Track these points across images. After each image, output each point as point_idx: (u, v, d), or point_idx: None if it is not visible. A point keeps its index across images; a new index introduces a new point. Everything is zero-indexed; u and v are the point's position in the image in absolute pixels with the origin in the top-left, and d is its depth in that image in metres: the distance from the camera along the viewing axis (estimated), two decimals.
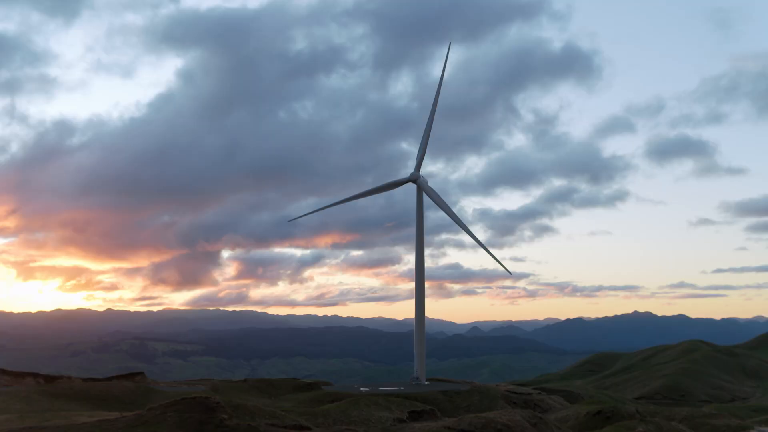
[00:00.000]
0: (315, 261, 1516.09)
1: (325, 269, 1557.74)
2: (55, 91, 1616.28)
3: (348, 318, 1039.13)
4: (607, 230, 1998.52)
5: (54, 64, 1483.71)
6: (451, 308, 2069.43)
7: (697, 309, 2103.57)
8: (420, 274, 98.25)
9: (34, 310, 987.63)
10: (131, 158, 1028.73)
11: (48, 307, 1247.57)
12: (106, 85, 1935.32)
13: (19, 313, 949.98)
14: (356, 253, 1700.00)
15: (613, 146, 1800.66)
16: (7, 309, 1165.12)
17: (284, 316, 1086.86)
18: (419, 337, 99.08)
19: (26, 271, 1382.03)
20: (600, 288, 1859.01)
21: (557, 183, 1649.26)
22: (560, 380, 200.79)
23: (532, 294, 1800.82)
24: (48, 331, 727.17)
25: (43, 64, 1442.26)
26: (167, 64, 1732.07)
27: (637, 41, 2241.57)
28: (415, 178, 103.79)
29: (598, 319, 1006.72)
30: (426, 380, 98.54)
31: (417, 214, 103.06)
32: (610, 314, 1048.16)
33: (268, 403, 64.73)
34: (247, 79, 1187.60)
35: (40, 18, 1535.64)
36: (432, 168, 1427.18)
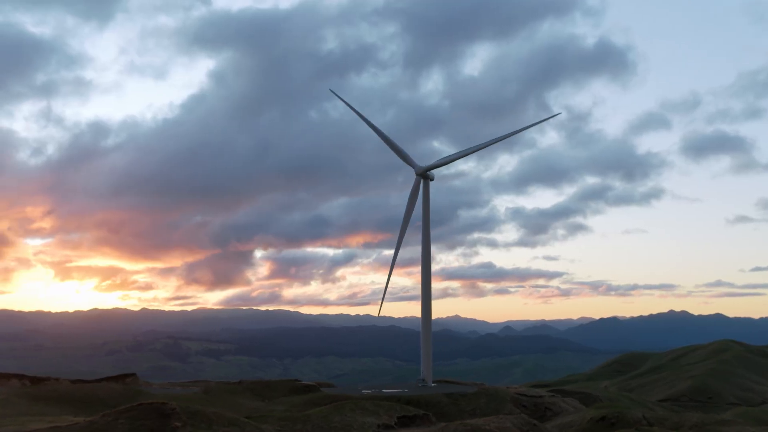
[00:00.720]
0: (347, 260, 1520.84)
1: (357, 269, 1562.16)
2: (90, 93, 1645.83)
3: (380, 317, 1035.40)
4: (642, 228, 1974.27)
5: (89, 67, 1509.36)
6: (483, 307, 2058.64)
7: (734, 308, 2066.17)
8: (426, 271, 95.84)
9: (71, 310, 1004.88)
10: (164, 159, 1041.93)
11: (85, 306, 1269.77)
12: (140, 87, 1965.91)
13: (57, 313, 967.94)
14: (388, 252, 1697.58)
15: (648, 143, 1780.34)
16: (45, 309, 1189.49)
17: (316, 315, 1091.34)
18: (425, 336, 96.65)
19: (63, 271, 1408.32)
20: (635, 287, 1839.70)
21: (591, 181, 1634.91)
22: (587, 381, 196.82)
23: (565, 293, 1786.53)
24: (84, 331, 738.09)
25: (79, 67, 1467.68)
26: (199, 65, 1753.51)
27: (673, 36, 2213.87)
28: (423, 172, 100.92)
29: (633, 319, 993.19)
30: (433, 382, 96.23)
31: (423, 209, 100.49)
32: (645, 313, 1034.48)
33: (260, 406, 63.60)
34: (278, 79, 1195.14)
35: (75, 22, 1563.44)
36: (463, 167, 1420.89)
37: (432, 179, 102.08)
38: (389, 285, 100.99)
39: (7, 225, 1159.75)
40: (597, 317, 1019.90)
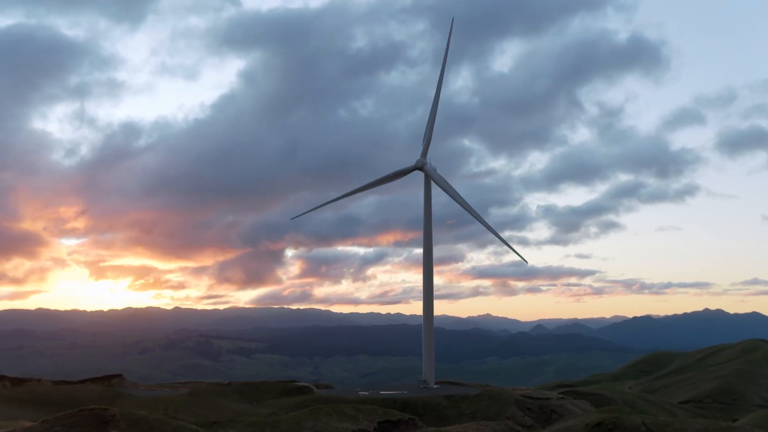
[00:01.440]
0: (378, 259, 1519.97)
1: (387, 267, 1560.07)
2: (122, 94, 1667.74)
3: (411, 316, 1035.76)
4: (676, 226, 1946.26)
5: (121, 69, 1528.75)
6: (514, 306, 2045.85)
7: None
8: (428, 268, 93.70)
9: (106, 309, 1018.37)
10: (195, 159, 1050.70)
11: (119, 305, 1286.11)
12: (171, 88, 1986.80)
13: (92, 312, 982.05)
14: (419, 251, 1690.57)
15: (682, 139, 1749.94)
16: (80, 308, 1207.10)
17: (347, 314, 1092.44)
18: (427, 335, 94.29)
19: (98, 270, 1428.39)
20: (669, 285, 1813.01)
21: (623, 178, 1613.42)
22: (612, 381, 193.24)
23: (598, 291, 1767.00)
24: (118, 329, 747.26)
25: (111, 68, 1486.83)
26: (229, 65, 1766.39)
27: (707, 30, 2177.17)
28: (421, 165, 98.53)
29: (667, 317, 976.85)
30: (436, 383, 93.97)
31: (425, 204, 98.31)
32: (680, 312, 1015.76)
33: (244, 409, 62.44)
34: (308, 78, 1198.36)
35: (107, 24, 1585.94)
36: (494, 164, 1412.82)
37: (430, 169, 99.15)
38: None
39: (42, 225, 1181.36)
40: (630, 316, 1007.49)
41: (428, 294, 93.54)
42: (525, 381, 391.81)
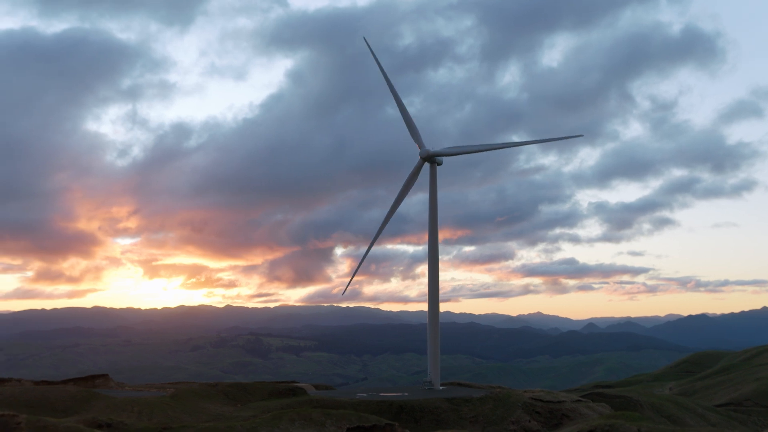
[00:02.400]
0: (426, 257, 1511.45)
1: None
2: (173, 95, 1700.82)
3: (460, 314, 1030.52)
4: (733, 222, 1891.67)
5: (172, 70, 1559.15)
6: (565, 304, 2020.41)
7: None
8: (434, 263, 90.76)
9: (159, 307, 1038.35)
10: (244, 158, 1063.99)
11: (172, 303, 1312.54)
12: (221, 88, 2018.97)
13: (146, 310, 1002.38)
14: (468, 248, 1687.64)
15: (739, 133, 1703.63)
16: (135, 306, 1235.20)
17: (396, 312, 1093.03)
18: (433, 334, 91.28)
19: (152, 269, 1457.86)
20: (726, 282, 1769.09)
21: (677, 173, 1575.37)
22: (653, 381, 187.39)
23: (652, 289, 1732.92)
24: (171, 327, 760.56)
25: (162, 70, 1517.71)
26: (277, 65, 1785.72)
27: (765, 21, 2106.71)
28: (426, 154, 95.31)
29: (723, 315, 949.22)
30: (443, 384, 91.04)
31: (430, 194, 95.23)
32: (737, 310, 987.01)
33: (225, 411, 60.86)
34: (355, 77, 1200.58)
35: (158, 27, 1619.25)
36: (543, 161, 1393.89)
37: (440, 164, 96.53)
38: (361, 265, 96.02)
39: (97, 225, 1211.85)
40: (685, 314, 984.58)
41: (433, 292, 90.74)
42: (575, 380, 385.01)
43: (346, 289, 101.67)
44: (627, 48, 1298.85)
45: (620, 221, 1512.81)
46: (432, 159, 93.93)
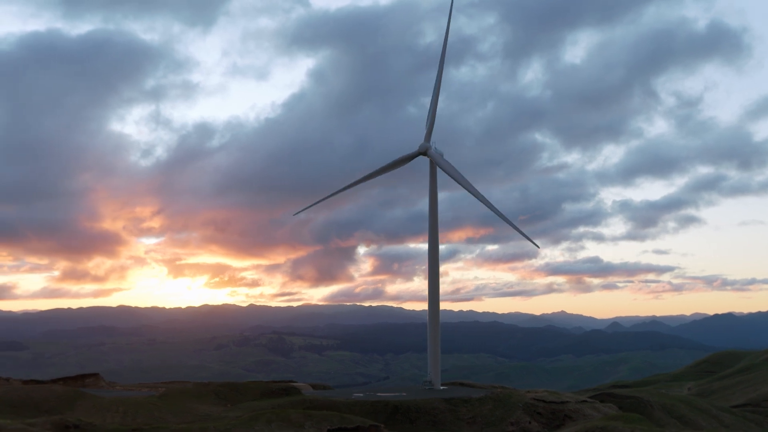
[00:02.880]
0: (450, 256, 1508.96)
1: (460, 264, 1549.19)
2: (196, 96, 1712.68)
3: (483, 313, 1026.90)
4: (760, 220, 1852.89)
5: (195, 71, 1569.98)
6: (589, 303, 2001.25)
7: None
8: (434, 260, 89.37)
9: (183, 306, 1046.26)
10: (267, 157, 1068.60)
11: (196, 302, 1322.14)
12: (243, 88, 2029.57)
13: (170, 309, 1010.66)
14: (491, 247, 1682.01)
15: (766, 129, 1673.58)
16: (160, 305, 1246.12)
17: (419, 311, 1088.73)
18: (433, 333, 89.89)
19: (176, 269, 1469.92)
20: (753, 281, 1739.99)
21: (703, 171, 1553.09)
22: (671, 381, 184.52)
23: (677, 288, 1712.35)
24: (195, 326, 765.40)
25: (186, 71, 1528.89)
26: (299, 64, 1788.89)
27: None
28: (425, 150, 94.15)
29: (750, 315, 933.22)
30: (444, 384, 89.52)
31: (430, 190, 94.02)
32: (765, 309, 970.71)
33: (213, 411, 60.24)
34: (376, 75, 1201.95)
35: (181, 28, 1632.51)
36: (567, 158, 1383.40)
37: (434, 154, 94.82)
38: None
39: (121, 225, 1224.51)
40: (711, 313, 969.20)
41: (433, 290, 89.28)
42: (598, 380, 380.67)
43: (300, 211, 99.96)
44: (651, 44, 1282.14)
45: (645, 219, 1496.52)
46: (427, 155, 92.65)
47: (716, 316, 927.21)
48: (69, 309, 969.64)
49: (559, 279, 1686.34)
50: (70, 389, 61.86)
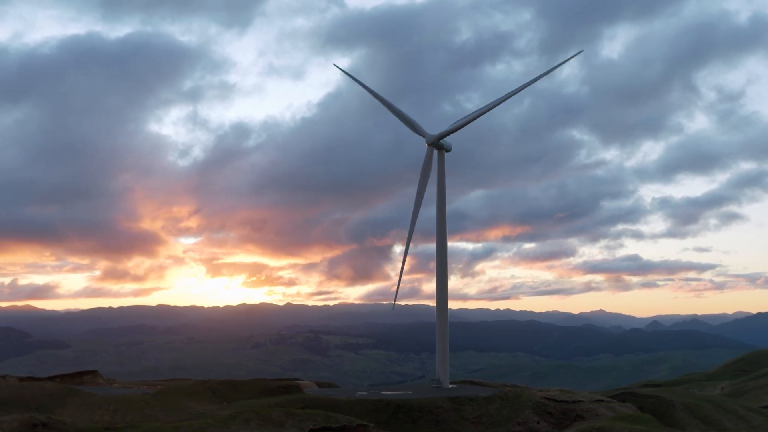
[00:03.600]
0: (486, 254, 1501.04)
1: (496, 263, 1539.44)
2: (233, 96, 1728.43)
3: (520, 312, 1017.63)
4: None
5: (232, 72, 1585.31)
6: (629, 301, 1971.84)
7: None
8: (442, 258, 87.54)
9: (221, 305, 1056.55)
10: (302, 157, 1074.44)
11: (234, 301, 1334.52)
12: (279, 88, 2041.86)
13: (209, 308, 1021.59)
14: (528, 245, 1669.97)
15: None
16: (198, 304, 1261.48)
17: (456, 310, 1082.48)
18: (441, 330, 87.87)
19: (214, 268, 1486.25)
20: None
21: (746, 166, 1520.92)
22: (705, 380, 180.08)
23: (719, 286, 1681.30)
24: (232, 325, 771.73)
25: (223, 72, 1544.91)
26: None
27: None
28: (432, 140, 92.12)
29: None
30: (453, 383, 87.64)
31: (438, 185, 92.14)
32: None
33: (207, 410, 59.55)
34: (412, 74, 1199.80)
35: (217, 29, 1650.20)
36: (605, 155, 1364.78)
37: (448, 150, 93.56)
38: (403, 272, 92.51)
39: (160, 225, 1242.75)
40: (754, 312, 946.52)
41: (441, 288, 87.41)
42: (637, 379, 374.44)
43: (395, 300, 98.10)
44: (692, 37, 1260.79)
45: (686, 216, 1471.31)
46: (440, 145, 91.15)
47: (759, 314, 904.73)
48: (110, 308, 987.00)
49: (598, 277, 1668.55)
50: (64, 387, 61.89)
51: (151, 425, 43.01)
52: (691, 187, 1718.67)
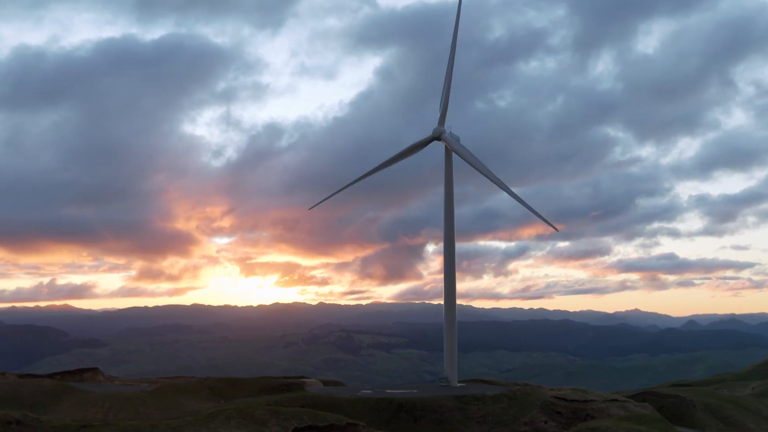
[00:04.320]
0: (519, 253, 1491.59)
1: (530, 261, 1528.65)
2: (266, 96, 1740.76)
3: (554, 311, 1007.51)
4: None
5: (265, 72, 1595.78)
6: (664, 301, 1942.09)
7: None
8: (450, 255, 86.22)
9: (255, 304, 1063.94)
10: (334, 156, 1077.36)
11: (267, 301, 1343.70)
12: (311, 88, 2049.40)
13: (242, 307, 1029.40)
14: (562, 244, 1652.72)
15: None
16: (232, 303, 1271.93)
17: (489, 309, 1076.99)
18: (449, 329, 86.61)
19: (248, 268, 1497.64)
20: None
21: None
22: (736, 380, 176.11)
23: (758, 285, 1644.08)
24: (266, 324, 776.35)
25: (256, 72, 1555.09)
26: (366, 63, 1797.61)
27: None
28: (439, 134, 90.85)
29: None
30: (462, 382, 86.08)
31: (446, 177, 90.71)
32: None
33: (204, 407, 59.04)
34: (443, 72, 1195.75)
35: (250, 30, 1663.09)
36: (640, 152, 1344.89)
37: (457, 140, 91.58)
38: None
39: (194, 224, 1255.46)
40: None
41: (450, 286, 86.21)
42: (671, 379, 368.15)
43: (316, 205, 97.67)
44: (729, 32, 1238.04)
45: (723, 214, 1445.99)
46: (441, 139, 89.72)
47: None
48: (145, 307, 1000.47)
49: (633, 276, 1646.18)
50: (60, 384, 62.15)
51: (128, 423, 42.76)
52: (729, 184, 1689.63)
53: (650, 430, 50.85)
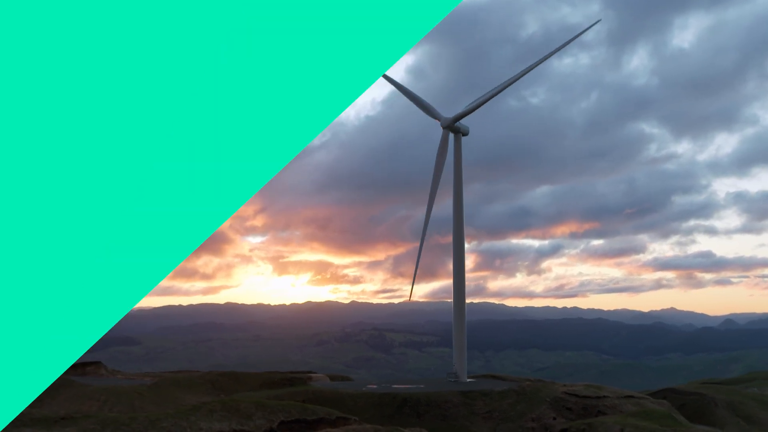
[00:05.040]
0: (553, 251, 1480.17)
1: (563, 260, 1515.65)
2: None
3: (588, 310, 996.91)
4: None
5: None
6: (701, 299, 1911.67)
7: None
8: (459, 250, 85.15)
9: (288, 303, 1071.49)
10: (366, 155, 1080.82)
11: (300, 299, 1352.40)
12: None
13: (275, 306, 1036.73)
14: (596, 242, 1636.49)
15: None
16: (265, 302, 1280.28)
17: (522, 308, 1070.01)
18: (458, 323, 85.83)
19: (280, 266, 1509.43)
20: None
21: None
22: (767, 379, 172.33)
23: None
24: (298, 322, 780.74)
25: None
26: (398, 61, 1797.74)
27: None
28: (448, 123, 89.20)
29: None
30: (472, 377, 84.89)
31: (455, 172, 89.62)
32: None
33: (200, 402, 58.73)
34: (476, 69, 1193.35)
35: None
36: (676, 148, 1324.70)
37: (465, 134, 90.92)
38: (419, 263, 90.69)
39: (227, 223, 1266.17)
40: None
41: (459, 280, 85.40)
42: (710, 378, 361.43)
43: (411, 293, 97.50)
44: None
45: (762, 211, 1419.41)
46: (456, 128, 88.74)
47: None
48: (179, 306, 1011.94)
49: (669, 274, 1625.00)
50: (60, 377, 61.97)
51: (108, 415, 42.54)
52: None
53: (653, 425, 49.32)
